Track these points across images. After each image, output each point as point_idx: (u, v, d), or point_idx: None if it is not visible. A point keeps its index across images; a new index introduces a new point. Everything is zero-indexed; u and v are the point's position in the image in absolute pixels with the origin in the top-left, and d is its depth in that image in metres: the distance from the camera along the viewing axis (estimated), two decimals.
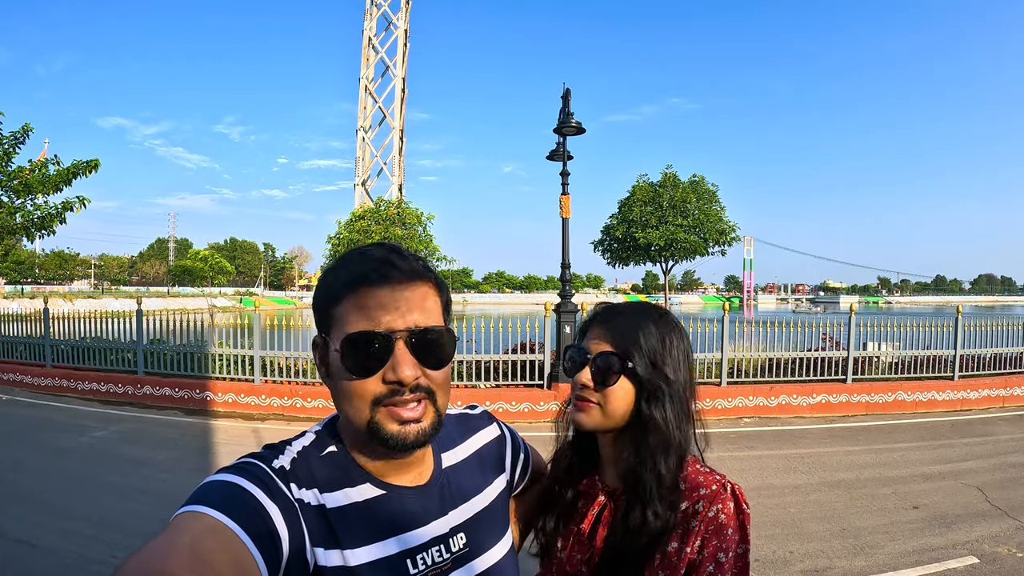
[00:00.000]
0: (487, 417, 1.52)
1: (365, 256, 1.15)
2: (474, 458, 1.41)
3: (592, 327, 1.50)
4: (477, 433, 1.46)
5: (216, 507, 0.96)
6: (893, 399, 12.37)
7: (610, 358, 1.42)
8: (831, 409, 12.16)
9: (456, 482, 1.32)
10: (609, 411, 1.43)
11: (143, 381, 13.07)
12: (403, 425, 1.12)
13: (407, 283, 1.14)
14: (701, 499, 1.37)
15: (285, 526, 1.03)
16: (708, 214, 31.14)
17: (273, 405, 12.07)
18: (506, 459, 1.50)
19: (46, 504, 6.98)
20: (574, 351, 1.49)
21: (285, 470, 1.12)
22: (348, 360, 1.11)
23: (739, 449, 9.44)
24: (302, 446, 1.19)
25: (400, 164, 35.15)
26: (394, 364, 1.11)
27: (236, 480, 1.03)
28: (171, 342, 13.59)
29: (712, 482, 1.40)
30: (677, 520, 1.37)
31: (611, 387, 1.42)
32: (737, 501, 1.37)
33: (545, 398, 11.54)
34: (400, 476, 1.22)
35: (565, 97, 12.78)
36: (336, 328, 1.14)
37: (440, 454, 1.33)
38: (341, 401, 1.15)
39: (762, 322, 13.59)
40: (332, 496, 1.14)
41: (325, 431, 1.23)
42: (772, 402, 12.00)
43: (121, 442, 9.91)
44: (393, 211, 24.27)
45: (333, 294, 1.15)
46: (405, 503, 1.21)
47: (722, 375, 12.19)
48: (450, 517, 1.26)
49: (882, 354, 13.41)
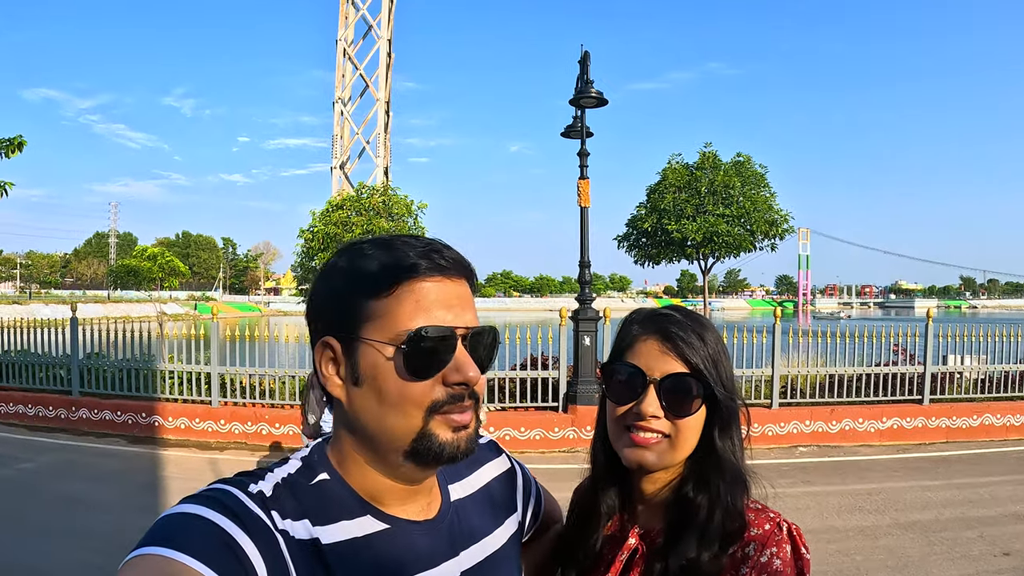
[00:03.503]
0: (495, 447, 1.52)
1: (401, 244, 1.15)
2: (483, 493, 1.41)
3: (642, 339, 1.47)
4: (485, 465, 1.46)
5: (176, 547, 0.94)
6: (979, 423, 12.32)
7: (686, 380, 1.41)
8: (904, 436, 12.11)
9: (465, 519, 1.32)
10: (680, 445, 1.43)
11: (79, 403, 13.09)
12: (456, 432, 1.14)
13: (460, 278, 1.17)
14: (752, 541, 1.35)
15: (264, 565, 1.01)
16: (755, 201, 30.96)
17: (234, 432, 12.09)
18: (517, 498, 1.49)
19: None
20: (625, 370, 1.46)
21: (264, 496, 1.10)
22: (413, 360, 1.10)
23: (794, 484, 9.43)
24: (287, 472, 1.17)
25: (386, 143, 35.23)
26: (458, 365, 1.12)
27: (201, 511, 1.01)
28: (112, 356, 13.55)
29: (764, 521, 1.38)
30: (725, 565, 1.35)
31: (688, 417, 1.41)
32: (795, 544, 1.35)
33: (561, 423, 11.45)
34: (405, 508, 1.22)
35: (583, 62, 12.73)
36: (379, 324, 1.12)
37: (447, 485, 1.33)
38: (383, 411, 1.13)
39: (820, 333, 13.52)
40: (327, 530, 1.12)
41: (313, 456, 1.22)
42: (833, 427, 11.97)
43: (52, 476, 9.95)
44: (378, 199, 24.29)
45: (371, 283, 1.13)
46: (412, 540, 1.20)
47: (772, 395, 12.18)
48: (461, 559, 1.25)
49: (966, 369, 13.34)
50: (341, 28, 35.04)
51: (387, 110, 35.10)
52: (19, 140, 16.25)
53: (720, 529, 1.36)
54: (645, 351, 1.45)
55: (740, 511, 1.38)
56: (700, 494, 1.41)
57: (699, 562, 1.35)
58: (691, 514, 1.40)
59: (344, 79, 35.21)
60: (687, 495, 1.43)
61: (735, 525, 1.37)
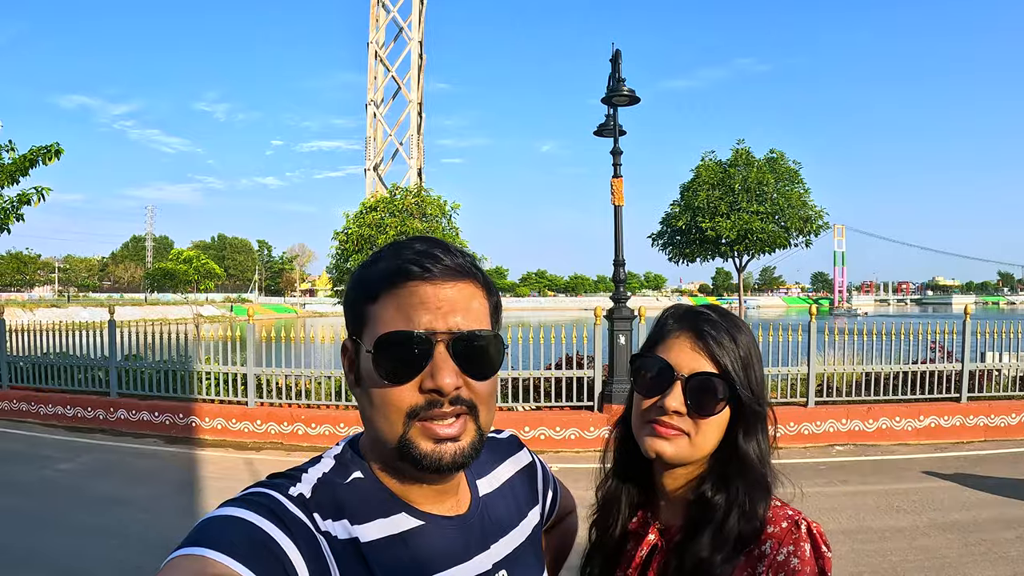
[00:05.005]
0: (516, 443, 1.55)
1: (404, 248, 1.18)
2: (507, 487, 1.44)
3: (675, 335, 1.48)
4: (508, 460, 1.48)
5: (218, 548, 0.95)
6: (1018, 422, 12.17)
7: (713, 381, 1.41)
8: (942, 434, 11.97)
9: (494, 512, 1.35)
10: (699, 443, 1.43)
11: (117, 404, 13.27)
12: (438, 444, 1.13)
13: (451, 280, 1.16)
14: (769, 539, 1.36)
15: (305, 567, 1.02)
16: (789, 198, 30.74)
17: (270, 432, 12.19)
18: (538, 489, 1.52)
19: (1, 550, 7.11)
20: (655, 364, 1.47)
21: (305, 498, 1.12)
22: (381, 363, 1.13)
23: (830, 483, 9.37)
24: (322, 472, 1.19)
25: (419, 144, 35.19)
26: (433, 370, 1.12)
27: (242, 514, 1.02)
28: (150, 358, 13.74)
29: (782, 519, 1.39)
30: (740, 562, 1.36)
31: (711, 417, 1.43)
32: (815, 543, 1.35)
33: (596, 422, 11.53)
34: (437, 505, 1.24)
35: (615, 60, 12.72)
36: (369, 328, 1.16)
37: (475, 481, 1.36)
38: (372, 413, 1.17)
39: (855, 331, 13.46)
40: (365, 528, 1.14)
41: (346, 454, 1.24)
42: (870, 426, 11.87)
43: (91, 476, 10.09)
44: (411, 200, 24.25)
45: (367, 290, 1.17)
46: (446, 535, 1.22)
47: (808, 393, 12.12)
48: (492, 551, 1.29)
49: (1005, 367, 13.19)
50: (372, 30, 35.08)
51: (420, 111, 35.07)
52: (56, 147, 16.44)
53: (735, 531, 1.37)
54: (677, 347, 1.45)
55: (757, 514, 1.39)
56: (719, 494, 1.42)
57: (712, 562, 1.36)
58: (708, 513, 1.41)
59: (376, 81, 35.24)
60: (705, 494, 1.44)
61: (751, 528, 1.37)
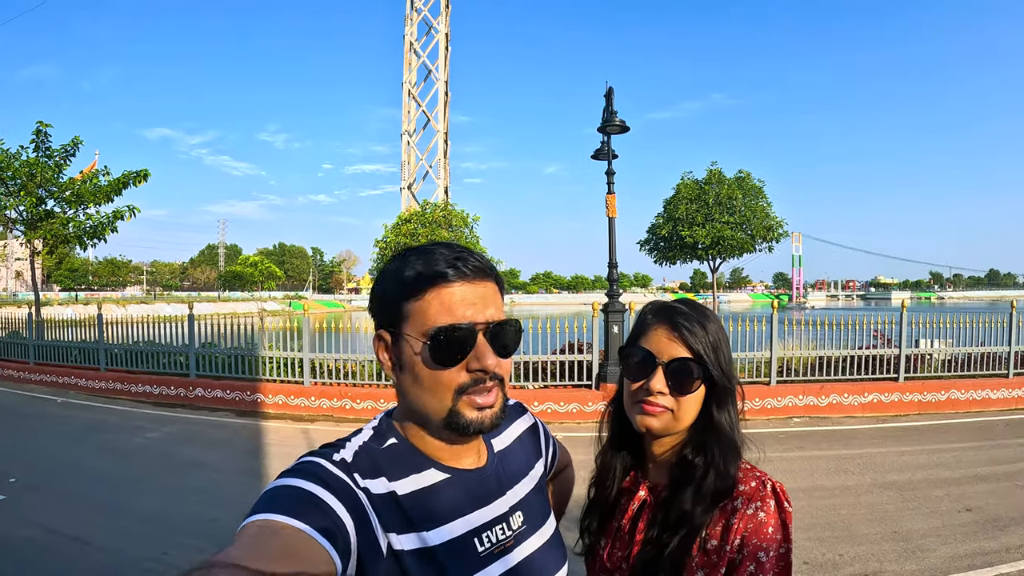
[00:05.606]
0: (520, 407, 1.58)
1: (436, 254, 1.21)
2: (517, 443, 1.48)
3: (654, 327, 1.49)
4: (515, 421, 1.52)
5: (276, 511, 1.02)
6: (946, 398, 12.10)
7: (688, 364, 1.43)
8: (883, 408, 11.92)
9: (507, 464, 1.40)
10: (681, 417, 1.45)
11: (195, 383, 13.36)
12: (480, 411, 1.21)
13: (480, 280, 1.22)
14: (740, 495, 1.38)
15: (350, 517, 1.08)
16: (755, 210, 30.85)
17: (322, 407, 12.23)
18: (541, 445, 1.56)
19: (100, 503, 7.18)
20: (639, 353, 1.48)
21: (347, 462, 1.18)
22: (437, 352, 1.17)
23: (789, 449, 9.32)
24: (362, 440, 1.25)
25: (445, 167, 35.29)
26: (478, 354, 1.19)
27: (293, 482, 1.09)
28: (222, 345, 13.82)
29: (751, 479, 1.41)
30: (716, 515, 1.38)
31: (690, 395, 1.44)
32: (779, 499, 1.37)
33: (593, 398, 11.52)
34: (461, 460, 1.30)
35: (608, 96, 12.76)
36: (413, 322, 1.19)
37: (490, 440, 1.41)
38: (420, 392, 1.22)
39: (811, 322, 13.47)
40: (401, 483, 1.20)
41: (382, 425, 1.30)
42: (823, 401, 11.82)
43: (173, 443, 10.16)
44: (439, 214, 24.32)
45: (407, 289, 1.20)
46: (469, 485, 1.29)
47: (771, 374, 12.07)
48: (508, 497, 1.35)
49: (935, 351, 13.11)
50: (406, 72, 35.25)
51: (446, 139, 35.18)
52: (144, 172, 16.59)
53: (712, 487, 1.39)
54: (656, 337, 1.46)
55: (730, 473, 1.41)
56: (698, 457, 1.44)
57: (693, 514, 1.38)
58: (689, 473, 1.43)
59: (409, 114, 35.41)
60: (687, 457, 1.46)
61: (725, 485, 1.39)
